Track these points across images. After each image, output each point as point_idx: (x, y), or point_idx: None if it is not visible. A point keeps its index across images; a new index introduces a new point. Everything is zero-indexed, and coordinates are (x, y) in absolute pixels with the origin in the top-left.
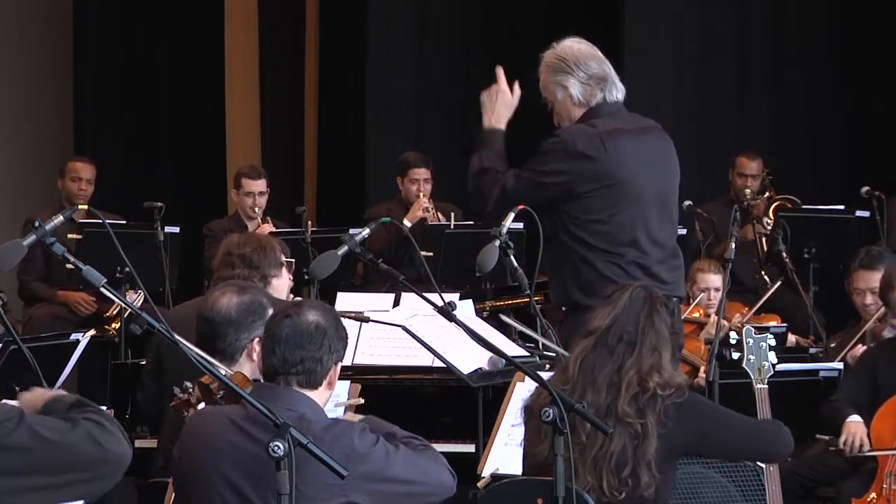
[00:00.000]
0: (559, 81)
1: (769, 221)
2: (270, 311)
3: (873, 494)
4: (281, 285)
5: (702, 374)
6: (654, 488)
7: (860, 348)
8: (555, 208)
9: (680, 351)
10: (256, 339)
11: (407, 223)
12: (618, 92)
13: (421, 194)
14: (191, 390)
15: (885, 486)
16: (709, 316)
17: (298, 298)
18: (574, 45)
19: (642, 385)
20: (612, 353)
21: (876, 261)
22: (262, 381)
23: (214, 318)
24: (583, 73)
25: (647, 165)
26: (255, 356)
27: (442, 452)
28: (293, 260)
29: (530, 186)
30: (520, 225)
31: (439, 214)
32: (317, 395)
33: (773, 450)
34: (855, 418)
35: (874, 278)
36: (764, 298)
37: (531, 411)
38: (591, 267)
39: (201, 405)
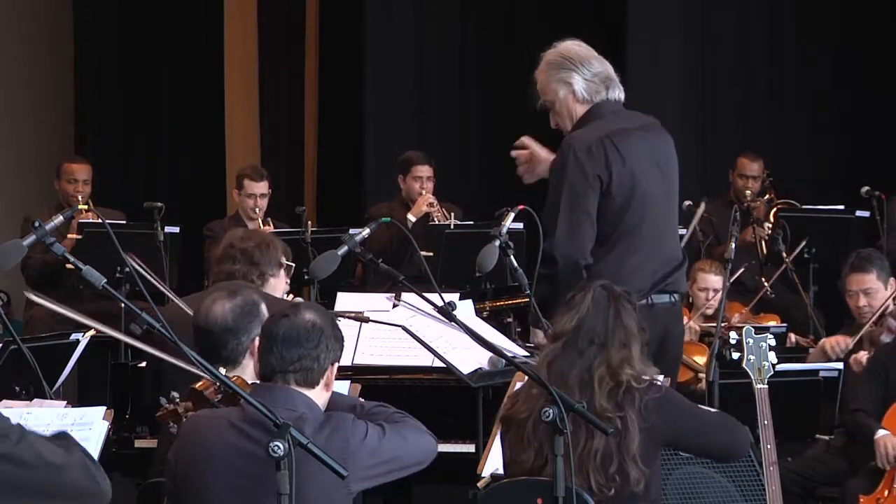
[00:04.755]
0: (563, 78)
1: (770, 225)
2: (263, 307)
3: (885, 492)
4: (277, 285)
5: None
6: (643, 483)
7: (863, 354)
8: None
9: (647, 345)
10: (257, 338)
11: (411, 218)
12: (619, 92)
13: (424, 191)
14: (177, 400)
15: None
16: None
17: (299, 299)
18: (575, 47)
19: (615, 379)
20: (582, 355)
21: (867, 262)
22: (258, 382)
23: (212, 328)
24: (587, 70)
25: (654, 164)
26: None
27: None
28: (293, 264)
29: (572, 209)
30: (520, 225)
31: (444, 210)
32: (314, 395)
33: (740, 448)
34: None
35: (866, 280)
36: (760, 294)
37: (509, 420)
38: (598, 268)
39: (190, 414)
